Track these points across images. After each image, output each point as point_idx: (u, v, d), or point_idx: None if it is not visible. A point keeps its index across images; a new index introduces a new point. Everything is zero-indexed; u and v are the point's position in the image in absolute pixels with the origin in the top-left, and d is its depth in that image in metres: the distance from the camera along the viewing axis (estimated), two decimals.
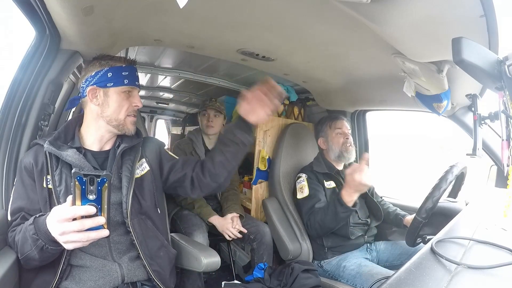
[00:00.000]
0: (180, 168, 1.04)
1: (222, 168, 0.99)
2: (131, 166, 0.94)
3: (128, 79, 0.92)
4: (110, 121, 0.92)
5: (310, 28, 1.03)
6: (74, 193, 0.63)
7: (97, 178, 0.63)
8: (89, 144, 0.94)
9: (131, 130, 0.95)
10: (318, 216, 1.40)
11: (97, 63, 0.92)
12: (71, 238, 0.66)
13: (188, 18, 1.07)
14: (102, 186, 0.64)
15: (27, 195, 0.86)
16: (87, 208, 0.63)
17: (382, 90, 1.54)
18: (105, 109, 0.91)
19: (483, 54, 0.63)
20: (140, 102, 0.96)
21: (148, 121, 4.36)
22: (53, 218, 0.67)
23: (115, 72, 0.91)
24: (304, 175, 1.56)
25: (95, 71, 0.91)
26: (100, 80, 0.90)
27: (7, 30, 1.43)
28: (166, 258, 0.99)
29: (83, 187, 0.63)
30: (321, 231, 1.42)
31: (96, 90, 0.90)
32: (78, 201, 0.64)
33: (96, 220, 0.64)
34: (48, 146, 0.85)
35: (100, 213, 0.65)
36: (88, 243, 0.68)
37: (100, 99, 0.91)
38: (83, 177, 0.62)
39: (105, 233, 0.66)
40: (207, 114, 1.77)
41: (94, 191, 0.64)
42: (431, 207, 0.97)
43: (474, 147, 1.04)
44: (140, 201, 0.95)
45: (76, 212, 0.63)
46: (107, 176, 0.64)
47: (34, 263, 0.76)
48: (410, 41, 0.88)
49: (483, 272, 0.51)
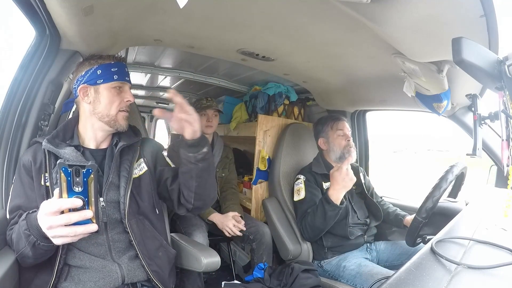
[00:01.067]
0: (170, 180, 0.99)
1: (187, 188, 0.93)
2: (129, 166, 0.94)
3: (117, 74, 0.93)
4: (102, 117, 0.92)
5: (310, 28, 1.03)
6: (60, 186, 0.62)
7: (82, 169, 0.62)
8: (87, 142, 0.95)
9: (123, 126, 0.95)
10: (308, 218, 1.43)
11: (87, 63, 0.93)
12: (59, 232, 0.65)
13: (188, 18, 1.07)
14: (88, 178, 0.63)
15: (25, 193, 0.86)
16: (72, 200, 0.62)
17: (382, 90, 1.54)
18: (97, 105, 0.92)
19: (483, 54, 0.63)
20: (131, 96, 0.96)
21: (148, 121, 4.36)
22: (42, 212, 0.66)
23: (104, 69, 0.92)
24: (302, 177, 1.56)
25: (85, 70, 0.92)
26: (90, 78, 0.91)
27: (7, 30, 1.43)
28: (165, 259, 0.99)
29: (68, 178, 0.62)
30: (312, 233, 1.43)
31: (87, 88, 0.91)
32: (64, 194, 0.62)
33: (83, 213, 0.63)
34: (46, 144, 0.85)
35: (87, 206, 0.64)
36: (77, 238, 0.67)
37: (91, 97, 0.92)
38: (68, 168, 0.61)
39: (93, 227, 0.65)
40: (206, 115, 1.76)
41: (80, 183, 0.62)
42: (431, 207, 0.97)
43: (474, 147, 1.04)
44: (138, 201, 0.95)
45: (61, 204, 0.62)
46: (92, 166, 0.63)
47: (29, 261, 0.76)
48: (410, 41, 0.88)
49: (483, 272, 0.51)
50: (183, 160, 0.89)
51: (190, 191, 0.93)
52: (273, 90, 1.96)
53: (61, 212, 0.64)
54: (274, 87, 1.96)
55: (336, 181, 1.36)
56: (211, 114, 1.76)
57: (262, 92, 2.00)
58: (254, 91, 2.09)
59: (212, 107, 1.76)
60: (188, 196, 0.95)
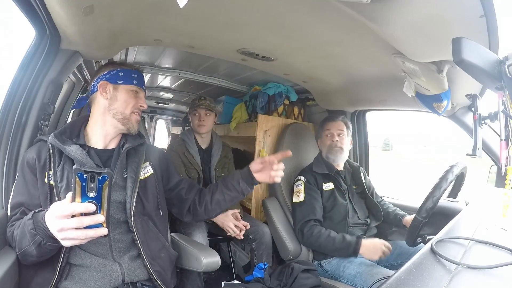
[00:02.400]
0: (185, 190, 1.12)
1: (217, 206, 1.09)
2: (136, 168, 0.96)
3: (136, 80, 1.00)
4: (116, 114, 0.96)
5: (310, 28, 1.03)
6: (74, 190, 0.63)
7: (98, 175, 0.63)
8: (94, 142, 0.96)
9: (135, 127, 1.00)
10: (321, 239, 1.39)
11: (110, 65, 1.00)
12: (69, 235, 0.65)
13: (188, 18, 1.07)
14: (103, 184, 0.63)
15: (27, 190, 0.86)
16: (86, 205, 0.63)
17: (382, 90, 1.54)
18: (113, 102, 0.96)
19: (483, 54, 0.63)
20: (145, 103, 1.02)
21: (148, 121, 4.36)
22: (52, 214, 0.67)
23: (125, 73, 0.99)
24: (303, 179, 1.56)
25: (107, 70, 0.98)
26: (111, 77, 0.97)
27: (7, 30, 1.43)
28: (167, 259, 1.00)
29: (83, 184, 0.62)
30: (311, 245, 1.47)
31: (107, 84, 0.96)
32: (78, 198, 0.63)
33: (95, 218, 0.64)
34: (52, 138, 0.86)
35: (99, 211, 0.64)
36: (86, 241, 0.67)
37: (109, 94, 0.96)
38: (84, 174, 0.62)
39: (103, 231, 0.66)
40: (198, 114, 1.76)
41: (94, 189, 0.63)
42: (431, 206, 0.97)
43: (474, 147, 1.04)
44: (144, 202, 0.97)
45: (75, 208, 0.63)
46: (108, 173, 0.63)
47: (31, 259, 0.76)
48: (410, 41, 0.88)
49: (483, 272, 0.51)
50: (235, 188, 1.04)
51: (220, 210, 1.10)
52: (273, 90, 1.96)
53: (72, 215, 0.65)
54: (274, 87, 1.96)
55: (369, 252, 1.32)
56: (203, 113, 1.75)
57: (262, 92, 2.00)
58: (254, 91, 2.09)
59: (203, 106, 1.75)
60: (212, 212, 1.10)
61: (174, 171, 1.14)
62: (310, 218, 1.46)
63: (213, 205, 1.08)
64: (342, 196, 1.54)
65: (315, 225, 1.44)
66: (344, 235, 1.38)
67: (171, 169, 1.12)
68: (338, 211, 1.49)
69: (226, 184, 1.06)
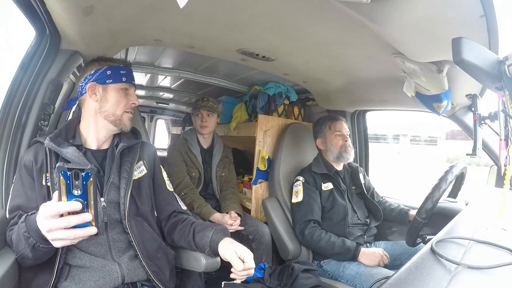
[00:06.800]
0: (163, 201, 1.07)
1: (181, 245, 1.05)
2: (129, 168, 0.94)
3: (125, 77, 0.96)
4: (107, 116, 0.94)
5: (310, 28, 1.03)
6: (59, 189, 0.62)
7: (81, 172, 0.62)
8: (89, 142, 0.95)
9: (127, 126, 0.98)
10: (322, 243, 1.40)
11: (96, 63, 0.95)
12: (58, 235, 0.65)
13: (188, 18, 1.07)
14: (87, 181, 0.62)
15: (25, 193, 0.86)
16: (72, 203, 0.62)
17: (382, 90, 1.54)
18: (104, 104, 0.93)
19: (483, 54, 0.63)
20: (136, 99, 0.99)
21: (148, 121, 4.35)
22: (41, 215, 0.66)
23: (113, 70, 0.94)
24: (302, 179, 1.56)
25: (94, 69, 0.94)
26: (99, 77, 0.93)
27: (7, 30, 1.43)
28: (164, 260, 0.99)
29: (67, 182, 0.62)
30: (311, 247, 1.48)
31: (95, 86, 0.93)
32: (63, 197, 0.62)
33: (82, 216, 0.63)
34: (48, 142, 0.85)
35: (86, 209, 0.63)
36: (76, 241, 0.67)
37: (99, 95, 0.93)
38: (68, 172, 0.61)
39: (92, 230, 0.65)
40: (200, 114, 1.77)
41: (79, 186, 0.62)
42: (431, 207, 0.96)
43: (474, 147, 1.04)
44: (137, 203, 0.96)
45: (61, 208, 0.62)
46: (92, 170, 0.62)
47: (29, 262, 0.76)
48: (410, 41, 0.88)
49: (483, 272, 0.51)
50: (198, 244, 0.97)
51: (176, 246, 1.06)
52: (273, 90, 1.96)
53: (60, 215, 0.64)
54: (274, 87, 1.96)
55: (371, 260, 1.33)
56: (205, 114, 1.76)
57: (262, 92, 2.00)
58: (254, 91, 2.09)
59: (206, 107, 1.76)
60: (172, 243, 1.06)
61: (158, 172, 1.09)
62: (309, 219, 1.46)
63: (174, 243, 1.05)
64: (341, 196, 1.54)
65: (315, 227, 1.45)
66: (344, 240, 1.38)
67: (155, 169, 1.08)
68: (337, 211, 1.49)
69: (194, 238, 0.99)
